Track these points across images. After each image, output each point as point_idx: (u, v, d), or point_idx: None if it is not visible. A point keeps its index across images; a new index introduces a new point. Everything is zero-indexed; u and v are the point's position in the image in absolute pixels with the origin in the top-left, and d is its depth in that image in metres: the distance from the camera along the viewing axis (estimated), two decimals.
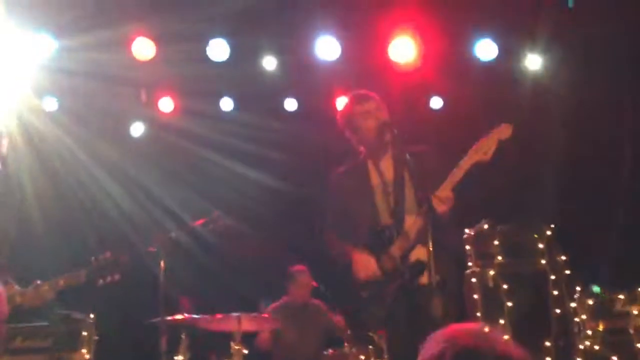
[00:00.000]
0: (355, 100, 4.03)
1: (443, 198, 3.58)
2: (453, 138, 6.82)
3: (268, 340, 6.05)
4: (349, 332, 5.38)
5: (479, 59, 6.74)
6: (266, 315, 5.61)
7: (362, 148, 4.03)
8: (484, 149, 3.66)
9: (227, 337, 4.99)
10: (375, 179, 3.92)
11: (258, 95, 7.29)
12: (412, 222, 3.72)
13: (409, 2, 6.16)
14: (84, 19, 6.01)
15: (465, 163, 3.66)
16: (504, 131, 3.70)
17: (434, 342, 1.60)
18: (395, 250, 3.72)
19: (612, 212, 6.81)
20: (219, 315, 4.96)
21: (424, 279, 3.63)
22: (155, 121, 7.25)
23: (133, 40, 6.31)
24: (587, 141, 6.74)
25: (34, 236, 6.33)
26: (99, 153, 6.91)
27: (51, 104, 6.92)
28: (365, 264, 3.77)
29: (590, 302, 5.60)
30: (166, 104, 7.19)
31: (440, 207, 3.55)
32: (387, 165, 3.94)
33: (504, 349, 1.55)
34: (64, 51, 6.27)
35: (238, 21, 6.33)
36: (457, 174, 3.65)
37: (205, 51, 6.42)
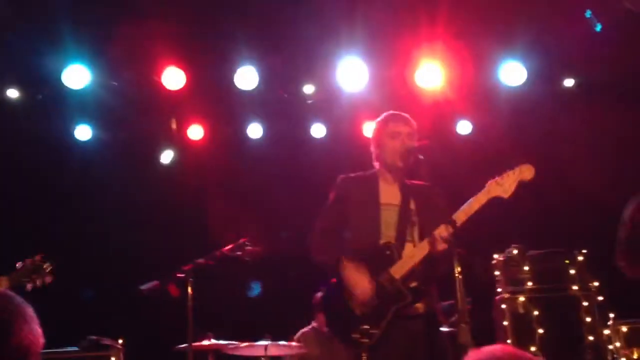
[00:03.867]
0: (391, 118, 4.01)
1: (444, 237, 3.50)
2: (480, 163, 6.84)
3: None
4: None
5: (506, 84, 6.73)
6: (293, 343, 5.58)
7: (377, 164, 4.00)
8: (504, 187, 3.63)
9: None
10: (384, 197, 3.86)
11: (286, 122, 7.36)
12: (411, 252, 3.68)
13: (436, 28, 6.19)
14: (117, 50, 6.18)
15: (483, 196, 3.63)
16: (526, 172, 3.66)
17: None
18: (396, 271, 3.64)
19: None
20: (246, 343, 4.96)
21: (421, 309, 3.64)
22: (184, 148, 7.36)
23: (163, 70, 6.46)
24: (619, 166, 6.64)
25: (60, 263, 6.42)
26: (130, 179, 7.02)
27: (85, 133, 7.09)
28: (361, 285, 3.62)
29: (625, 329, 5.47)
30: (195, 132, 7.30)
31: (439, 247, 3.52)
32: (395, 190, 3.89)
33: None
34: (97, 82, 6.45)
35: (266, 49, 6.44)
36: (474, 205, 3.61)
37: (233, 79, 6.52)
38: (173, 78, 6.51)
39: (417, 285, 3.65)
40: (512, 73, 6.65)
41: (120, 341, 5.56)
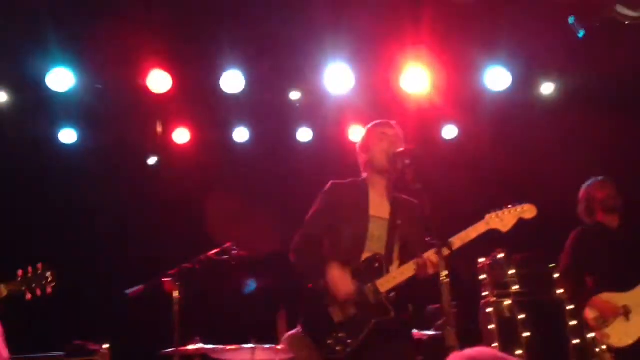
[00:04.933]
0: (377, 123, 4.06)
1: (505, 220, 3.63)
2: (466, 168, 6.89)
3: None
4: None
5: (491, 89, 6.77)
6: (280, 347, 5.57)
7: (365, 174, 3.99)
8: (504, 221, 3.65)
9: None
10: (373, 210, 3.83)
11: (272, 126, 7.36)
12: (399, 269, 3.66)
13: (421, 33, 6.23)
14: (101, 53, 6.15)
15: (482, 227, 3.64)
16: (528, 211, 3.69)
17: None
18: (382, 284, 3.61)
19: None
20: (232, 346, 4.93)
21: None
22: (170, 152, 7.33)
23: (149, 73, 6.43)
24: (603, 171, 6.70)
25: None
26: (115, 183, 6.98)
27: (70, 136, 7.04)
28: (344, 282, 3.58)
29: None
30: (181, 135, 7.27)
31: (428, 271, 3.54)
32: (385, 203, 3.88)
33: None
34: (82, 85, 6.41)
35: (253, 53, 6.44)
36: (471, 234, 3.62)
37: (219, 83, 6.51)
38: (159, 81, 6.48)
39: (400, 302, 3.64)
40: (497, 78, 6.70)
41: (106, 346, 5.52)
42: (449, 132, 7.42)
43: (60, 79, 6.29)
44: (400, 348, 3.66)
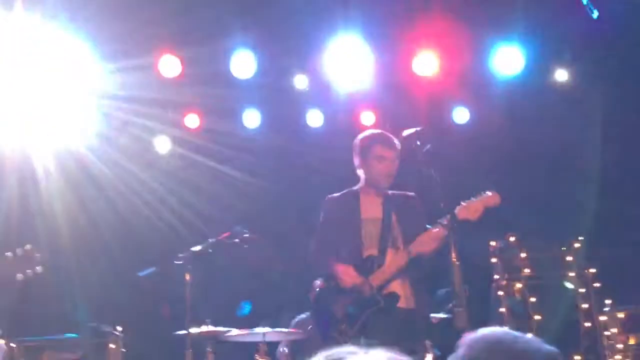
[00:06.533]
0: (379, 140, 4.18)
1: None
2: (477, 153, 6.85)
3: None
4: None
5: (503, 72, 6.71)
6: (292, 330, 5.59)
7: (362, 176, 4.22)
8: (471, 210, 3.88)
9: (252, 348, 5.00)
10: (365, 213, 4.14)
11: (283, 111, 7.34)
12: (391, 259, 4.00)
13: (433, 15, 6.18)
14: (112, 40, 6.14)
15: (448, 221, 3.82)
16: (492, 200, 3.90)
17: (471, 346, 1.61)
18: (374, 279, 3.97)
19: None
20: (244, 330, 4.97)
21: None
22: (181, 137, 7.34)
23: (159, 58, 6.43)
24: (618, 154, 6.65)
25: (61, 254, 6.43)
26: (126, 169, 7.01)
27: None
28: (349, 273, 4.00)
29: (621, 315, 5.49)
30: (192, 121, 7.27)
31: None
32: (377, 203, 4.16)
33: None
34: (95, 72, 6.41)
35: (262, 38, 6.41)
36: (439, 233, 3.88)
37: (230, 68, 6.49)
38: (169, 66, 6.48)
39: (394, 291, 3.99)
40: (510, 61, 6.63)
41: (119, 328, 5.58)
42: (461, 115, 7.36)
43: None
44: (388, 323, 3.94)
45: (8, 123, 6.16)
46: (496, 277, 5.66)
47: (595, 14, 6.00)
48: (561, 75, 6.89)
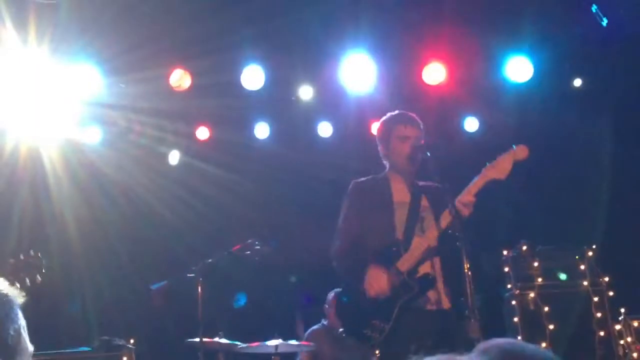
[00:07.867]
0: (399, 120, 4.04)
1: (465, 202, 3.66)
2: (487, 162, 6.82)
3: None
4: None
5: (513, 80, 6.70)
6: (304, 343, 5.59)
7: (386, 164, 4.09)
8: (499, 168, 3.71)
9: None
10: (396, 197, 3.96)
11: (293, 122, 7.36)
12: (417, 244, 3.77)
13: (442, 25, 6.19)
14: (125, 54, 6.19)
15: (480, 180, 3.70)
16: (520, 152, 3.74)
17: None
18: (402, 265, 3.74)
19: None
20: (256, 344, 4.97)
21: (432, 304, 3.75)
22: (191, 149, 7.37)
23: (171, 72, 6.47)
24: (630, 162, 6.62)
25: (73, 267, 6.46)
26: (138, 181, 7.04)
27: (95, 135, 7.10)
28: (379, 280, 3.74)
29: (636, 324, 5.44)
30: (202, 133, 7.30)
31: (464, 211, 3.63)
32: (405, 189, 3.99)
33: None
34: (107, 85, 6.46)
35: (272, 49, 6.44)
36: (472, 189, 3.69)
37: (239, 80, 6.52)
38: (181, 79, 6.52)
39: (426, 272, 3.75)
40: (519, 69, 6.62)
41: (132, 341, 5.58)
42: (470, 124, 7.35)
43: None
44: (427, 316, 3.72)
45: (23, 133, 6.21)
46: (509, 286, 5.62)
47: (605, 22, 5.99)
48: (571, 83, 6.87)
